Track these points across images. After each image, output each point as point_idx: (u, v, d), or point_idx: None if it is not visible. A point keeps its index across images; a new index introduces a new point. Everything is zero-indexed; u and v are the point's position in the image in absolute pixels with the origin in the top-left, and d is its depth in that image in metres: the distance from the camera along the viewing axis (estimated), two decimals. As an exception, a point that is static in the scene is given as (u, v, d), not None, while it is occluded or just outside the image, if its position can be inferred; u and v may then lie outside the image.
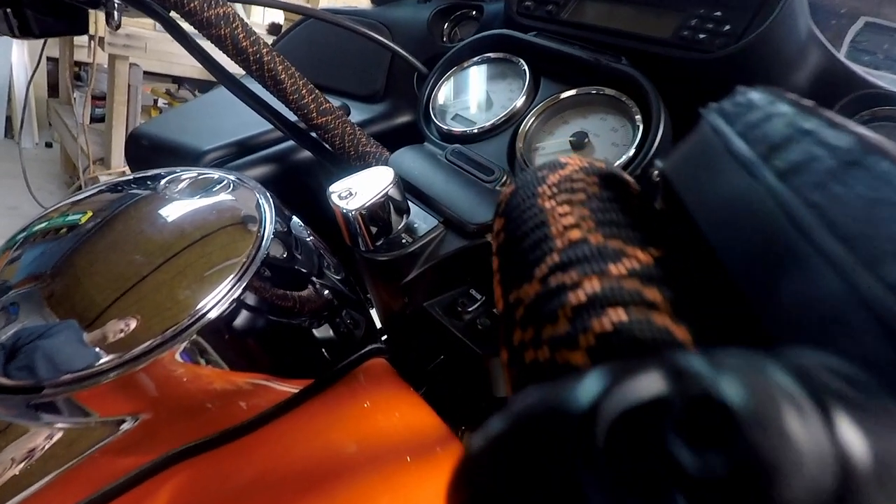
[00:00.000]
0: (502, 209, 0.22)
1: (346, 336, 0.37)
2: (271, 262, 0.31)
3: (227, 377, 0.29)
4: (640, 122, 0.41)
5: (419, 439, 0.33)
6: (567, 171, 0.20)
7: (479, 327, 0.40)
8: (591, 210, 0.18)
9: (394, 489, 0.29)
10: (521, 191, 0.21)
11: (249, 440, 0.29)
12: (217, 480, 0.27)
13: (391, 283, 0.42)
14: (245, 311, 0.29)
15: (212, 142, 0.58)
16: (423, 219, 0.43)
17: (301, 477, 0.28)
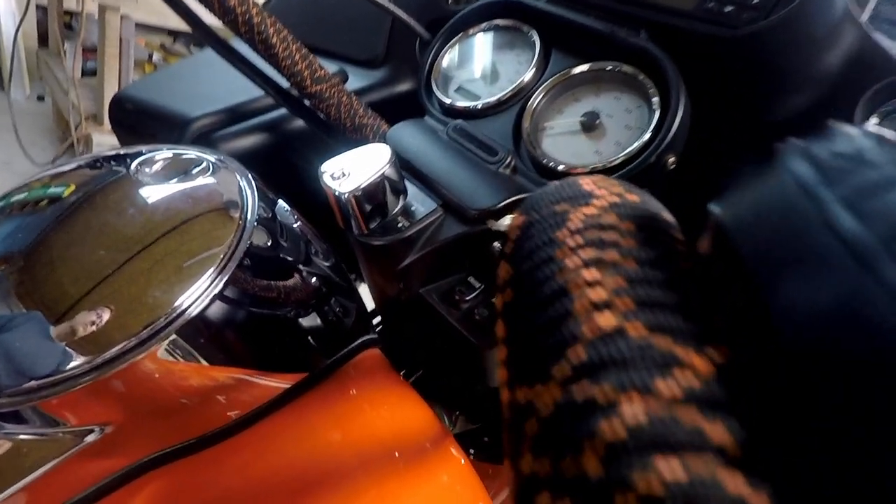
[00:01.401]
0: (510, 251, 0.19)
1: (335, 326, 0.35)
2: (255, 251, 0.28)
3: (208, 374, 0.27)
4: (658, 105, 0.38)
5: (414, 441, 0.31)
6: (594, 210, 0.17)
7: (477, 317, 0.39)
8: (627, 279, 0.14)
9: (386, 496, 0.28)
10: (535, 231, 0.18)
11: (232, 443, 0.28)
12: (197, 488, 0.26)
13: (386, 268, 0.40)
14: (227, 305, 0.27)
15: (200, 108, 0.55)
16: (422, 201, 0.41)
17: (289, 484, 0.27)
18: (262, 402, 0.30)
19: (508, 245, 0.20)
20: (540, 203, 0.20)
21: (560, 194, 0.20)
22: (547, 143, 0.42)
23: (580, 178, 0.21)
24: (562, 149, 0.41)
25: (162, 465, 0.26)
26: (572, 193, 0.19)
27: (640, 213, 0.18)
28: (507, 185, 0.40)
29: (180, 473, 0.26)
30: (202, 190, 0.30)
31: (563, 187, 0.20)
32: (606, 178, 0.21)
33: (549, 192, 0.21)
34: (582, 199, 0.19)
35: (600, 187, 0.20)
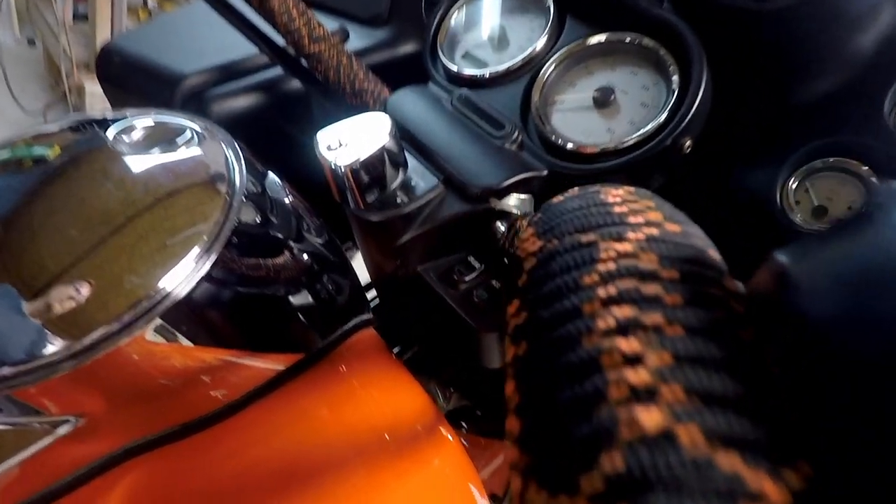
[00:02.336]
0: (524, 284, 0.17)
1: (328, 304, 0.34)
2: (243, 228, 0.27)
3: (194, 356, 0.26)
4: (677, 83, 0.36)
5: (406, 426, 0.31)
6: (629, 247, 0.15)
7: (476, 299, 0.37)
8: (675, 355, 0.12)
9: (376, 483, 0.27)
10: (556, 266, 0.16)
11: (221, 429, 0.27)
12: (182, 476, 0.25)
13: (383, 244, 0.39)
14: (214, 285, 0.25)
15: (193, 65, 0.52)
16: (422, 176, 0.39)
17: (279, 471, 0.26)
18: (252, 384, 0.29)
19: (522, 277, 0.18)
20: (560, 225, 0.18)
21: (586, 219, 0.17)
22: (557, 119, 0.40)
23: (605, 191, 0.19)
24: (572, 125, 0.39)
25: (145, 453, 0.25)
26: (601, 218, 0.17)
27: (686, 256, 0.15)
28: (512, 163, 0.38)
29: (165, 461, 0.25)
30: (187, 162, 0.28)
31: (588, 207, 0.18)
32: (637, 192, 0.19)
33: (569, 209, 0.19)
34: (613, 227, 0.16)
35: (633, 210, 0.17)
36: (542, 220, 0.20)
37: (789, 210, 0.40)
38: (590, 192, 0.20)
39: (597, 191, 0.20)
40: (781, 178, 0.40)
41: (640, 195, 0.19)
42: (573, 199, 0.19)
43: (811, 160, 0.39)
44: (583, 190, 0.21)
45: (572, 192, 0.21)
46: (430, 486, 0.32)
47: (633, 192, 0.20)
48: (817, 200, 0.40)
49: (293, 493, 0.26)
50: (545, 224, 0.19)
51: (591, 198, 0.19)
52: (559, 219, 0.18)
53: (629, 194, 0.19)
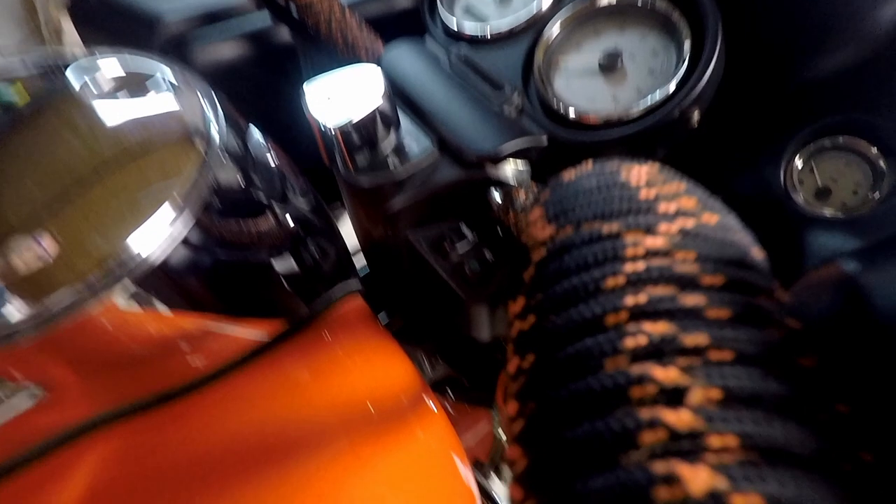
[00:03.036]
0: (530, 279, 0.15)
1: (313, 270, 0.32)
2: (222, 188, 0.25)
3: (171, 323, 0.24)
4: (689, 50, 0.34)
5: (391, 397, 0.30)
6: (662, 243, 0.13)
7: (467, 270, 0.36)
8: (727, 391, 0.10)
9: (360, 456, 0.27)
10: (572, 261, 0.14)
11: (198, 399, 0.26)
12: (157, 448, 0.24)
13: (372, 210, 0.37)
14: (192, 250, 0.24)
15: (174, 8, 0.48)
16: (416, 138, 0.37)
17: (261, 443, 0.25)
18: (233, 353, 0.27)
19: (528, 269, 0.15)
20: (575, 209, 0.15)
21: (607, 203, 0.15)
22: (559, 83, 0.37)
23: (626, 168, 0.17)
24: (575, 90, 0.37)
25: (117, 423, 0.24)
26: (624, 204, 0.15)
27: (730, 256, 0.13)
28: (511, 128, 0.36)
29: (139, 432, 0.24)
30: (159, 112, 0.25)
31: (609, 188, 0.16)
32: (663, 171, 0.17)
33: (585, 189, 0.16)
34: (640, 216, 0.14)
35: (663, 195, 0.15)
36: (553, 201, 0.17)
37: (792, 190, 0.39)
38: (607, 169, 0.17)
39: (616, 168, 0.17)
40: (787, 157, 0.39)
41: (668, 175, 0.17)
42: (588, 177, 0.17)
43: (819, 138, 0.38)
44: (598, 166, 0.18)
45: (585, 167, 0.18)
46: (413, 457, 0.32)
47: (658, 170, 0.17)
48: (821, 181, 0.39)
49: (274, 465, 0.25)
50: (556, 205, 0.16)
51: (611, 176, 0.16)
52: (573, 200, 0.16)
53: (655, 174, 0.16)
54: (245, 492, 0.24)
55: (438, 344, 0.50)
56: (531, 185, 0.36)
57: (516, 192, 0.35)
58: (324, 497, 0.27)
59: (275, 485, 0.25)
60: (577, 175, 0.18)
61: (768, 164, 0.39)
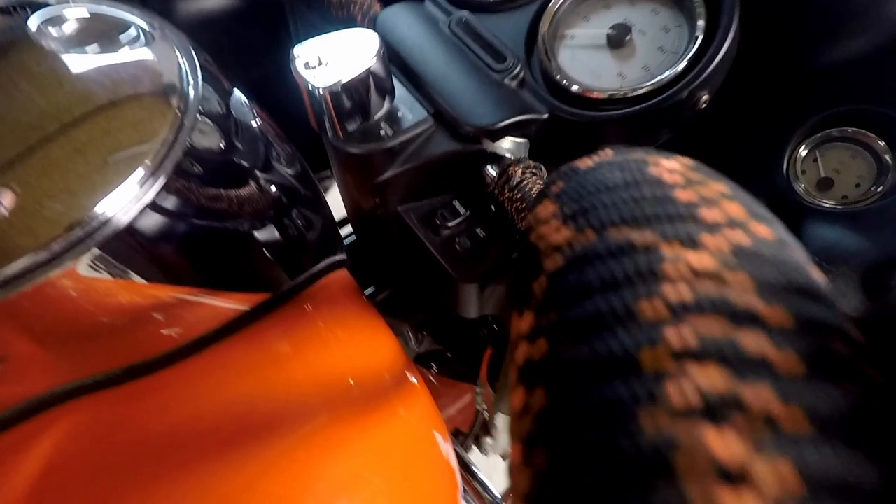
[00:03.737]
0: (543, 295, 0.13)
1: (297, 241, 0.31)
2: (200, 152, 0.23)
3: (143, 292, 0.23)
4: (702, 29, 0.32)
5: (376, 375, 0.29)
6: (710, 264, 0.11)
7: (457, 247, 0.35)
8: (804, 474, 0.08)
9: (341, 433, 0.26)
10: (595, 277, 0.11)
11: (173, 373, 0.24)
12: (126, 424, 0.23)
13: (362, 179, 0.36)
14: (166, 215, 0.22)
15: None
16: (410, 107, 0.35)
17: (237, 421, 0.24)
18: (211, 325, 0.26)
19: (539, 279, 0.13)
20: (598, 209, 0.13)
21: (637, 205, 0.13)
22: (564, 56, 0.36)
23: (656, 161, 0.15)
24: (580, 64, 0.35)
25: (80, 397, 0.23)
26: (659, 207, 0.12)
27: (794, 283, 0.11)
28: (510, 102, 0.34)
29: (105, 406, 0.23)
30: (131, 65, 0.23)
31: (638, 185, 0.13)
32: (699, 169, 0.15)
33: (608, 184, 0.14)
34: (681, 225, 0.12)
35: (704, 198, 0.13)
36: (569, 195, 0.15)
37: (794, 179, 0.38)
38: (633, 160, 0.15)
39: (643, 160, 0.15)
40: (792, 144, 0.38)
41: (705, 173, 0.14)
42: (611, 168, 0.15)
43: (828, 128, 0.37)
44: (621, 155, 0.16)
45: (605, 155, 0.16)
46: (394, 435, 0.31)
47: (693, 167, 0.15)
48: (825, 171, 0.38)
49: (249, 442, 0.24)
50: (574, 202, 0.14)
51: (638, 170, 0.14)
52: (594, 197, 0.14)
53: (690, 170, 0.14)
54: (216, 469, 0.23)
55: (424, 318, 0.49)
56: (529, 162, 0.34)
57: (513, 168, 0.34)
58: (300, 475, 0.26)
59: (248, 462, 0.24)
60: (595, 165, 0.16)
61: (772, 151, 0.38)
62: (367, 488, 0.29)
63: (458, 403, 0.77)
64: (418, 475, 0.33)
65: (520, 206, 0.33)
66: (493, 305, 0.38)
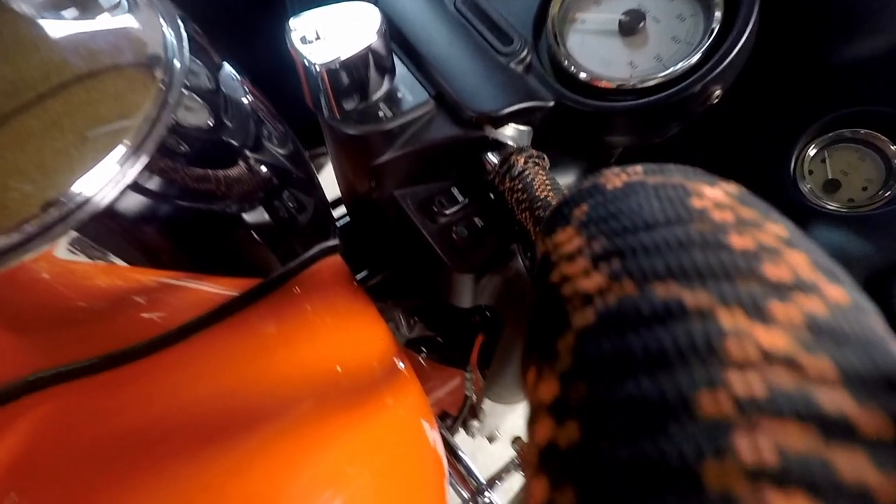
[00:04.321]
0: (571, 360, 0.11)
1: (289, 225, 0.30)
2: (187, 130, 0.22)
3: (127, 277, 0.22)
4: (720, 20, 0.30)
5: (365, 365, 0.28)
6: (783, 341, 0.09)
7: (454, 236, 0.34)
8: None
9: (330, 424, 0.25)
10: (639, 349, 0.10)
11: (152, 362, 0.23)
12: (98, 417, 0.22)
13: (358, 162, 0.34)
14: (152, 197, 0.21)
15: None
16: (411, 88, 0.34)
17: (222, 412, 0.23)
18: (197, 310, 0.25)
19: (566, 337, 0.11)
20: (637, 250, 0.11)
21: (686, 252, 0.11)
22: (573, 41, 0.34)
23: (697, 189, 0.13)
24: (590, 51, 0.34)
25: (55, 385, 0.22)
26: (712, 256, 0.11)
27: (883, 370, 0.09)
28: (516, 87, 0.33)
29: (82, 395, 0.22)
30: (112, 33, 0.22)
31: (683, 223, 0.12)
32: (747, 199, 0.13)
33: (647, 217, 0.12)
34: (739, 282, 0.10)
35: (765, 248, 0.11)
36: (597, 226, 0.13)
37: (800, 179, 0.37)
38: (671, 186, 0.13)
39: (682, 186, 0.13)
40: (802, 143, 0.37)
41: (757, 209, 0.13)
42: (646, 195, 0.13)
43: (840, 128, 0.36)
44: (653, 175, 0.14)
45: (635, 173, 0.14)
46: (382, 424, 0.31)
47: (741, 198, 0.13)
48: (832, 173, 0.37)
49: (234, 433, 0.24)
50: (604, 236, 0.12)
51: (680, 201, 0.13)
52: (632, 237, 0.12)
53: (741, 205, 0.13)
54: (196, 461, 0.22)
55: (417, 303, 0.48)
56: (532, 151, 0.33)
57: (515, 157, 0.32)
58: (284, 466, 0.26)
59: (230, 453, 0.24)
60: (625, 186, 0.14)
61: (780, 149, 0.37)
62: (354, 479, 0.28)
63: (447, 386, 0.77)
64: (406, 465, 0.33)
65: (520, 197, 0.32)
66: (487, 296, 0.38)
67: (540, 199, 0.30)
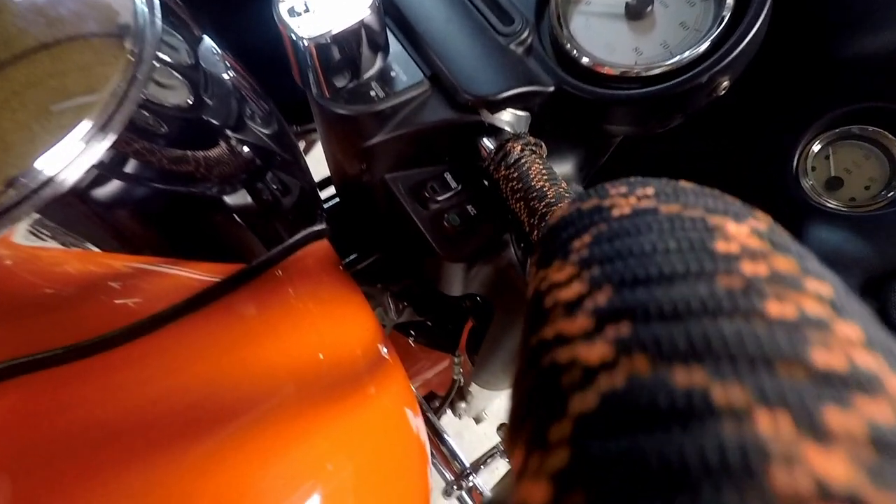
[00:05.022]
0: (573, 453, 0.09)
1: (273, 208, 0.28)
2: (159, 106, 0.20)
3: (99, 263, 0.21)
4: (731, 7, 0.29)
5: (349, 353, 0.27)
6: (843, 469, 0.07)
7: (445, 223, 0.33)
8: None
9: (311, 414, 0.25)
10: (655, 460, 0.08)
11: (124, 352, 0.22)
12: (63, 410, 0.21)
13: (348, 143, 0.33)
14: (119, 177, 0.20)
15: None
16: (405, 67, 0.32)
17: (194, 403, 0.22)
18: (176, 297, 0.24)
19: (561, 424, 0.09)
20: (650, 313, 0.09)
21: (716, 325, 0.09)
22: (577, 23, 0.32)
23: (719, 225, 0.11)
24: (594, 35, 0.32)
25: (14, 378, 0.21)
26: (745, 329, 0.09)
27: None
28: (515, 70, 0.31)
29: (47, 387, 0.21)
30: (80, 1, 0.20)
31: (702, 269, 0.10)
32: (778, 243, 0.11)
33: (664, 262, 0.10)
34: (784, 373, 0.08)
35: (810, 320, 0.09)
36: (603, 271, 0.11)
37: (802, 175, 0.36)
38: (688, 220, 0.11)
39: (702, 220, 0.11)
40: (807, 138, 0.36)
41: (793, 254, 0.11)
42: (660, 231, 0.11)
43: (847, 124, 0.35)
44: (667, 200, 0.12)
45: (644, 196, 0.13)
46: (365, 414, 0.30)
47: (773, 238, 0.11)
48: (835, 170, 0.36)
49: (208, 425, 0.23)
50: (611, 286, 0.11)
51: (702, 245, 0.11)
52: (645, 291, 0.10)
53: (775, 251, 0.11)
54: (168, 454, 0.21)
55: (407, 287, 0.48)
56: (529, 138, 0.32)
57: (511, 144, 0.31)
58: (263, 456, 0.25)
59: (205, 445, 0.23)
60: (635, 213, 0.12)
61: (784, 143, 0.36)
62: (334, 470, 0.28)
63: (436, 367, 0.77)
64: (388, 454, 0.32)
65: (515, 186, 0.30)
66: (478, 285, 0.37)
67: (535, 190, 0.29)
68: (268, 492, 0.25)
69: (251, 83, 0.28)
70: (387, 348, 0.36)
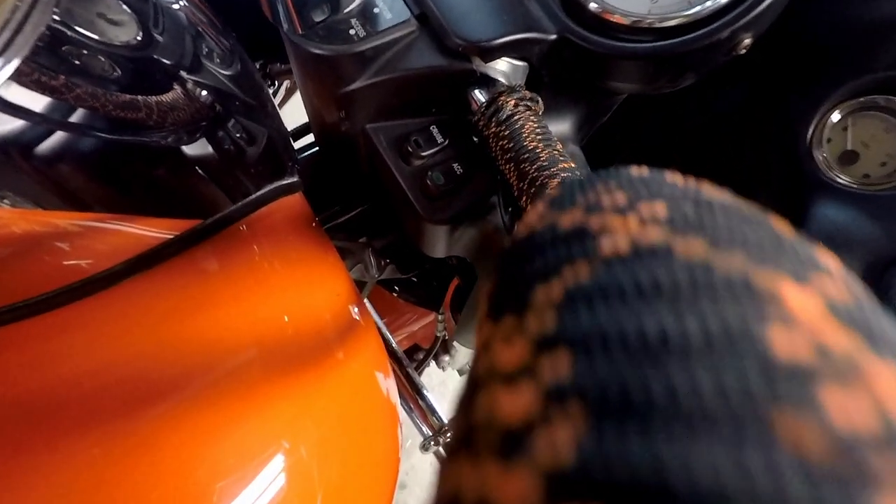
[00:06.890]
0: None
1: (236, 159, 0.26)
2: (101, 44, 0.17)
3: (44, 222, 0.18)
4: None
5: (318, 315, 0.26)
6: None
7: (428, 181, 0.31)
8: None
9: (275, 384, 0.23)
10: None
11: (63, 314, 0.20)
12: (17, 369, 0.19)
13: (325, 87, 0.30)
14: (60, 127, 0.17)
15: None
16: (390, 3, 0.28)
17: (148, 367, 0.20)
18: (127, 254, 0.22)
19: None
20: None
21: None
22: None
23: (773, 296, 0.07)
24: (605, -24, 0.28)
25: None
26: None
27: None
28: (513, 14, 0.28)
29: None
30: None
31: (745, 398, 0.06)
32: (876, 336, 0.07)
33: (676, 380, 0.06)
34: None
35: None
36: (574, 370, 0.07)
37: (816, 146, 0.34)
38: (725, 279, 0.07)
39: (745, 281, 0.07)
40: (826, 106, 0.33)
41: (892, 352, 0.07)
42: (669, 291, 0.07)
43: (872, 93, 0.32)
44: (685, 237, 0.08)
45: (653, 221, 0.09)
46: (331, 380, 0.29)
47: (853, 315, 0.07)
48: (852, 143, 0.33)
49: (166, 388, 0.21)
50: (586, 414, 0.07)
51: (748, 335, 0.07)
52: (648, 444, 0.06)
53: (864, 344, 0.07)
54: (117, 426, 0.20)
55: (391, 244, 0.46)
56: (524, 92, 0.29)
57: (504, 98, 0.28)
58: (222, 423, 0.24)
59: (159, 410, 0.21)
60: (636, 253, 0.08)
61: (801, 111, 0.34)
62: (299, 437, 0.27)
63: (422, 321, 0.77)
64: (356, 420, 0.31)
65: (506, 146, 0.28)
66: (461, 248, 0.35)
67: (528, 151, 0.27)
68: (226, 460, 0.24)
69: (209, 16, 0.25)
70: (359, 309, 0.34)
